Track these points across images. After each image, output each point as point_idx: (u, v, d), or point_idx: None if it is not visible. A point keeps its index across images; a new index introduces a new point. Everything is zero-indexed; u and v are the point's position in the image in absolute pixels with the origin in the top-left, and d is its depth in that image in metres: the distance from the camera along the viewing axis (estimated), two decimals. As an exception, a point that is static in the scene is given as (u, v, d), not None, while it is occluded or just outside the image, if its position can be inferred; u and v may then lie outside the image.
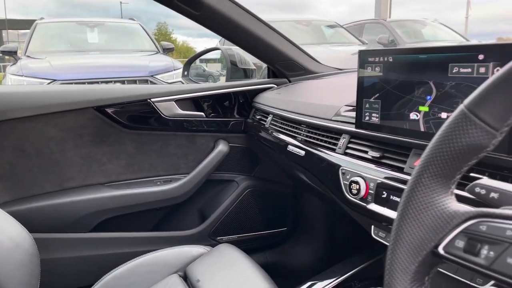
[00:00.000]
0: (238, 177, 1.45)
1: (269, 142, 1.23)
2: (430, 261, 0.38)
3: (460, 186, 0.53)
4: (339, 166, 0.87)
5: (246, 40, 1.25)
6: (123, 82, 4.01)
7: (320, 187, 1.00)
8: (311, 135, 1.02)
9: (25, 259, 0.74)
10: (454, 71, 0.63)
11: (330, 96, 1.08)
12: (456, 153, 0.38)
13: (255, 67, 1.54)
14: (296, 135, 1.08)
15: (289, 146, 1.09)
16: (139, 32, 5.40)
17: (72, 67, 4.08)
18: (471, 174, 0.62)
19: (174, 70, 4.38)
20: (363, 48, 5.58)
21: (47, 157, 1.21)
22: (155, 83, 4.13)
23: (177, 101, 1.31)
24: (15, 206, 1.17)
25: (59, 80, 3.84)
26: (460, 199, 0.50)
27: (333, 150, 0.91)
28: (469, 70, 0.61)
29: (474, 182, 0.46)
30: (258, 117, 1.33)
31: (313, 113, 1.02)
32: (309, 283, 0.91)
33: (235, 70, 1.51)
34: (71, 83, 3.85)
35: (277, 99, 1.26)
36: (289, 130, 1.12)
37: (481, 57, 0.59)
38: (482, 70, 0.59)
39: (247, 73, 1.52)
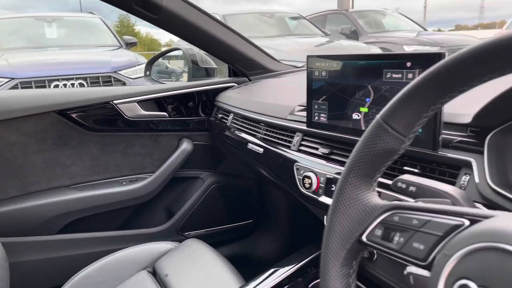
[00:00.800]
0: (203, 173, 1.50)
1: (231, 140, 1.28)
2: (356, 248, 0.45)
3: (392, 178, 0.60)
4: (294, 162, 0.94)
5: (205, 42, 1.29)
6: (85, 79, 3.93)
7: (279, 181, 1.06)
8: (269, 133, 1.08)
9: None
10: (387, 76, 0.70)
11: (286, 96, 1.14)
12: (375, 156, 0.44)
13: (216, 66, 1.58)
14: (256, 133, 1.14)
15: (249, 144, 1.15)
16: (99, 27, 5.28)
17: (30, 64, 3.95)
18: (405, 168, 0.71)
19: (138, 65, 4.32)
20: (325, 39, 5.71)
21: (9, 162, 1.22)
22: (118, 79, 4.07)
23: (139, 102, 1.33)
24: None
25: (17, 78, 3.72)
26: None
27: (288, 147, 0.98)
28: (400, 75, 0.68)
29: (397, 178, 0.54)
30: (220, 115, 1.38)
31: (270, 112, 1.08)
32: (270, 271, 0.97)
33: (196, 69, 1.54)
34: (30, 81, 3.75)
35: (238, 98, 1.31)
36: (249, 129, 1.18)
37: (408, 64, 0.66)
38: (410, 75, 0.67)
39: (208, 72, 1.56)
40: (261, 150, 1.09)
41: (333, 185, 0.82)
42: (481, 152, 0.59)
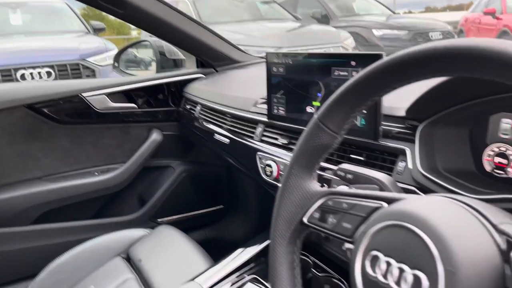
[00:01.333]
0: (174, 162, 1.55)
1: (199, 130, 1.34)
2: (299, 229, 0.53)
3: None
4: (257, 151, 1.00)
5: (171, 35, 1.33)
6: (52, 67, 3.85)
7: (244, 169, 1.13)
8: (234, 124, 1.14)
9: None
10: (335, 73, 0.77)
11: (250, 88, 1.20)
12: (313, 150, 0.52)
13: (184, 57, 1.62)
14: (222, 124, 1.20)
15: (215, 134, 1.21)
16: (66, 12, 5.14)
17: None
18: (352, 156, 0.79)
19: (107, 51, 4.26)
20: (297, 24, 5.76)
21: None
22: (87, 67, 4.01)
23: (108, 94, 1.36)
24: None
25: (-20, 67, 3.62)
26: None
27: (252, 137, 1.05)
28: (346, 73, 0.75)
29: (337, 167, 0.61)
30: (188, 106, 1.43)
31: (235, 104, 1.14)
32: (238, 251, 1.05)
33: (165, 60, 1.58)
34: (-5, 70, 3.65)
35: (204, 90, 1.36)
36: (216, 120, 1.24)
37: (353, 63, 0.74)
38: (354, 73, 0.74)
39: (177, 63, 1.60)
40: (227, 140, 1.15)
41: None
42: (413, 142, 0.67)
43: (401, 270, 0.37)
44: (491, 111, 0.62)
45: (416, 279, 0.36)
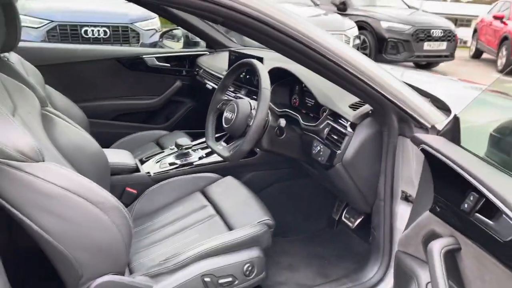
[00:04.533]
0: (185, 99, 2.68)
1: (199, 83, 2.43)
2: None
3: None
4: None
5: (192, 30, 2.43)
6: (108, 27, 4.94)
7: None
8: (216, 79, 2.24)
9: None
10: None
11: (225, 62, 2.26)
12: None
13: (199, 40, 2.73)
14: (211, 79, 2.30)
15: (206, 84, 2.31)
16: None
17: (65, 10, 4.88)
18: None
19: (150, 19, 5.31)
20: (313, 12, 6.62)
21: None
22: (133, 29, 5.09)
23: (156, 58, 2.47)
24: None
25: (56, 21, 4.71)
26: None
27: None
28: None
29: None
30: (197, 69, 2.53)
31: (218, 70, 2.23)
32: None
33: (188, 40, 2.70)
34: (66, 25, 4.76)
35: (206, 61, 2.46)
36: (208, 77, 2.32)
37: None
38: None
39: (195, 43, 2.72)
40: (211, 87, 2.26)
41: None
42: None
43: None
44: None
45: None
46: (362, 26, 7.13)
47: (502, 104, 1.56)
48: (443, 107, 1.17)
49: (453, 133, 1.00)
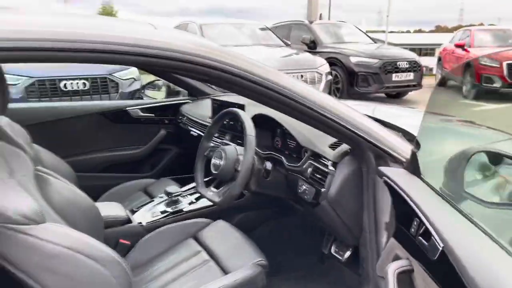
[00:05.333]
0: (170, 146, 2.74)
1: (183, 130, 2.51)
2: None
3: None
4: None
5: (174, 81, 2.54)
6: (86, 79, 5.02)
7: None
8: (201, 128, 2.33)
9: None
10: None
11: (208, 110, 2.37)
12: None
13: (180, 89, 2.84)
14: (194, 126, 2.38)
15: (191, 131, 2.39)
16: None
17: (44, 65, 5.00)
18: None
19: (127, 68, 5.40)
20: (284, 52, 6.90)
21: None
22: (112, 80, 5.19)
23: (139, 108, 2.56)
24: None
25: (34, 77, 4.77)
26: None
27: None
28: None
29: None
30: (180, 117, 2.62)
31: (201, 117, 2.33)
32: None
33: (170, 90, 2.80)
34: (44, 80, 4.82)
35: (189, 109, 2.56)
36: (193, 124, 2.42)
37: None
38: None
39: (177, 92, 2.82)
40: (196, 134, 2.34)
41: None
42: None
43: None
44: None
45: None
46: (332, 62, 7.45)
47: (468, 132, 1.69)
48: (413, 140, 1.28)
49: (413, 166, 1.10)
